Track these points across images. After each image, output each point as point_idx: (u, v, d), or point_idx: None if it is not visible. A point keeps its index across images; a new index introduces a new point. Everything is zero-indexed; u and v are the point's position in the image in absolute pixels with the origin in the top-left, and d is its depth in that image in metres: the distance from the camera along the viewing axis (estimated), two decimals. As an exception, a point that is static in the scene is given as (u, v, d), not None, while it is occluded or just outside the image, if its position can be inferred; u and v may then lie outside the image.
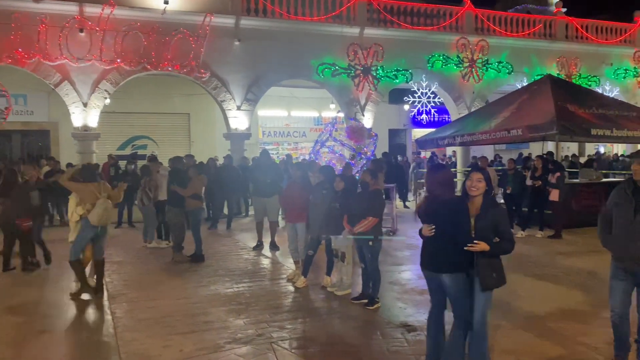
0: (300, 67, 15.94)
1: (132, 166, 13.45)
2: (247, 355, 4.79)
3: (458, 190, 4.60)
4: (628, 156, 18.86)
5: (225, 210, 12.74)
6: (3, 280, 7.65)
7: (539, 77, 15.89)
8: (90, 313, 6.19)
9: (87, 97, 13.74)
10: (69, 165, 13.40)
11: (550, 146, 16.28)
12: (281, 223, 10.53)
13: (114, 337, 5.29)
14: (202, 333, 5.37)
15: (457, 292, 3.97)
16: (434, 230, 3.95)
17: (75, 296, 6.64)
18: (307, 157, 14.21)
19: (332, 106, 18.35)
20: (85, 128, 13.87)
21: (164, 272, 8.18)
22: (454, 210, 3.93)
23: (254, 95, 15.64)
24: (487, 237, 3.85)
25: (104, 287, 6.95)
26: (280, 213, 10.45)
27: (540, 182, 10.76)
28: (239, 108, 15.39)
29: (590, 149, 25.51)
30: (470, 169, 15.30)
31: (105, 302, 6.51)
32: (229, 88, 15.25)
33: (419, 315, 5.88)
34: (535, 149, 19.18)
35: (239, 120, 15.48)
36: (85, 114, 13.81)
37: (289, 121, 21.57)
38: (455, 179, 18.82)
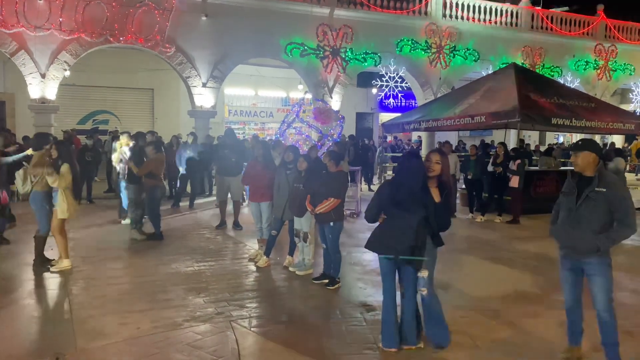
0: (268, 45, 15.73)
1: (92, 141, 13.10)
2: (206, 333, 4.77)
3: None
4: (569, 147, 19.51)
5: (188, 189, 12.56)
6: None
7: (504, 65, 16.17)
8: (47, 290, 6.03)
9: (45, 68, 13.23)
10: (26, 138, 12.93)
11: (512, 134, 16.67)
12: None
13: (69, 313, 5.18)
14: (160, 311, 5.32)
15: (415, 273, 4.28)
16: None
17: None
18: (273, 138, 14.12)
19: (300, 87, 18.24)
20: (43, 100, 13.36)
21: (124, 249, 8.04)
22: (424, 200, 4.25)
23: (220, 73, 15.38)
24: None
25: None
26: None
27: (501, 169, 11.01)
28: (204, 85, 15.11)
29: (551, 138, 26.27)
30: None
31: (62, 279, 6.35)
32: (195, 64, 14.94)
33: (378, 296, 5.94)
34: (498, 137, 19.61)
35: (204, 97, 15.20)
36: (43, 86, 13.29)
37: (256, 100, 21.36)
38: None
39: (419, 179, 4.28)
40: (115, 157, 10.16)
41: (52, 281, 6.30)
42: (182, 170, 12.22)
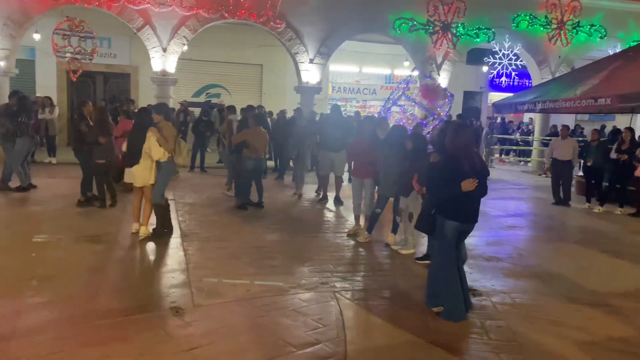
0: (376, 21, 15.51)
1: (207, 114, 13.82)
2: (311, 301, 4.91)
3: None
4: None
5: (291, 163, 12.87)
6: (87, 215, 8.20)
7: (635, 43, 14.62)
8: (165, 249, 6.52)
9: (166, 43, 14.10)
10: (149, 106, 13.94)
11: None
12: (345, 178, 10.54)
13: (185, 272, 5.57)
14: (267, 276, 5.55)
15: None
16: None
17: (152, 235, 6.84)
18: (376, 115, 14.00)
19: (406, 63, 17.85)
20: (164, 73, 14.29)
21: (232, 216, 8.46)
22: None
23: (327, 49, 15.45)
24: None
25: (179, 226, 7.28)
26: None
27: (626, 156, 10.07)
28: (311, 61, 15.29)
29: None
30: (549, 137, 14.56)
31: (178, 240, 6.84)
32: (303, 40, 15.13)
33: (485, 281, 5.79)
34: (621, 122, 17.90)
35: (310, 73, 15.40)
36: (164, 59, 14.20)
37: (359, 77, 21.25)
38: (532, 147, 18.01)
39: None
40: (222, 128, 10.68)
41: (172, 241, 6.80)
42: (289, 145, 12.53)
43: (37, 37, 15.17)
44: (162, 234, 6.89)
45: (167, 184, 6.95)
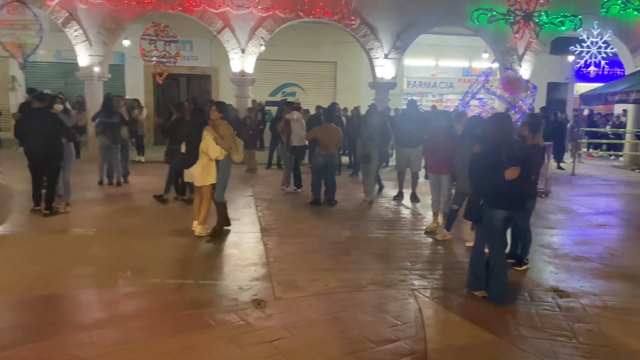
0: (454, 12, 15.09)
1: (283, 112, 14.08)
2: (389, 298, 4.89)
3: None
4: None
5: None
6: (174, 210, 8.64)
7: None
8: (246, 243, 6.73)
9: (244, 44, 14.53)
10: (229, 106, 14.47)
11: None
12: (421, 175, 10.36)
13: (266, 265, 5.73)
14: (345, 272, 5.59)
15: None
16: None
17: (212, 234, 6.84)
18: (453, 109, 13.66)
19: (485, 55, 17.23)
20: (242, 74, 14.74)
21: (308, 212, 8.59)
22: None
23: (403, 43, 15.24)
24: None
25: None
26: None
27: None
28: (386, 56, 15.16)
29: None
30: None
31: (258, 234, 7.05)
32: (378, 35, 15.03)
33: (573, 282, 5.50)
34: None
35: (385, 69, 15.27)
36: (242, 60, 14.65)
37: (435, 71, 20.79)
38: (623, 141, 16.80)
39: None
40: (280, 126, 10.85)
41: (252, 236, 7.02)
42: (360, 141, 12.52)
43: (126, 43, 16.18)
44: (222, 232, 6.93)
45: (227, 182, 6.93)
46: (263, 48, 14.89)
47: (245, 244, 6.67)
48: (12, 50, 13.84)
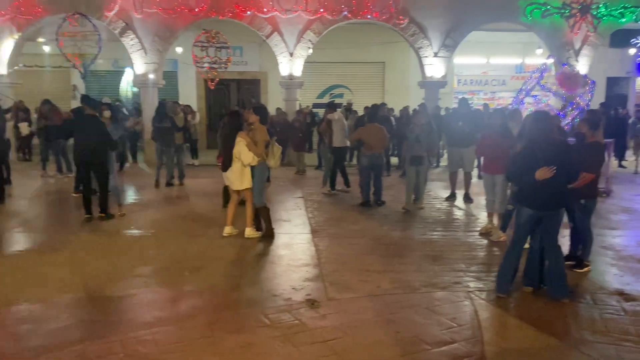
0: (506, 8, 14.69)
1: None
2: (444, 300, 4.82)
3: None
4: None
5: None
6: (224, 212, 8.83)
7: None
8: (297, 244, 6.80)
9: (293, 47, 14.68)
10: (278, 110, 14.73)
11: None
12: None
13: (318, 266, 5.77)
14: (397, 273, 5.55)
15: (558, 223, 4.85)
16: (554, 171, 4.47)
17: (264, 238, 6.84)
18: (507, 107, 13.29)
19: (539, 51, 16.70)
20: (291, 77, 14.90)
21: (358, 213, 8.57)
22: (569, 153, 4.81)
23: (453, 41, 14.98)
24: None
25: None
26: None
27: None
28: (435, 55, 14.94)
29: None
30: None
31: (309, 235, 7.11)
32: (427, 34, 14.83)
33: (638, 285, 5.24)
34: None
35: (434, 67, 15.05)
36: (291, 64, 14.80)
37: (487, 69, 20.31)
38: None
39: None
40: (321, 127, 10.86)
41: (303, 237, 7.08)
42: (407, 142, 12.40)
43: (179, 50, 16.67)
44: (271, 235, 6.89)
45: (263, 186, 6.86)
46: (311, 51, 14.99)
47: (296, 244, 6.74)
48: (73, 61, 14.55)
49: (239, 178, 6.71)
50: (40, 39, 16.40)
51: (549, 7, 14.54)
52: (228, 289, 5.11)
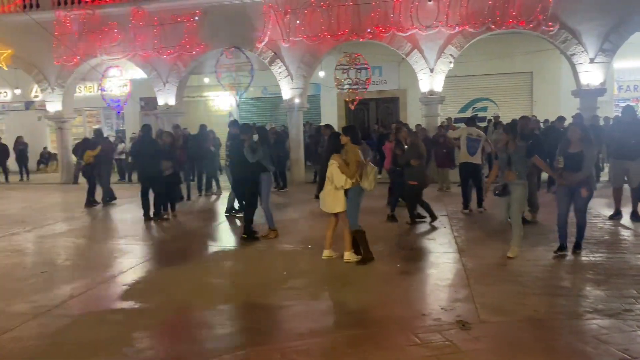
0: (676, 3, 13.05)
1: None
2: (612, 329, 4.36)
3: None
4: None
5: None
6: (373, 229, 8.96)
7: None
8: (445, 263, 6.66)
9: (433, 63, 14.53)
10: (418, 126, 14.59)
11: None
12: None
13: (467, 287, 5.59)
14: (556, 297, 5.16)
15: None
16: None
17: (362, 263, 6.54)
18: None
19: None
20: (431, 93, 14.74)
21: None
22: None
23: (612, 45, 13.62)
24: None
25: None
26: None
27: None
28: (592, 61, 13.71)
29: None
30: None
31: (456, 255, 6.92)
32: (581, 39, 13.69)
33: None
34: None
35: (591, 74, 13.81)
36: (431, 80, 14.65)
37: (654, 72, 18.15)
38: None
39: None
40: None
41: (448, 256, 6.92)
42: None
43: (321, 74, 17.45)
44: (370, 258, 6.58)
45: (357, 210, 6.55)
46: (452, 65, 14.71)
47: (443, 264, 6.60)
48: (230, 90, 16.03)
49: (332, 201, 6.54)
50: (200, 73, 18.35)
51: None
52: (377, 305, 5.17)
